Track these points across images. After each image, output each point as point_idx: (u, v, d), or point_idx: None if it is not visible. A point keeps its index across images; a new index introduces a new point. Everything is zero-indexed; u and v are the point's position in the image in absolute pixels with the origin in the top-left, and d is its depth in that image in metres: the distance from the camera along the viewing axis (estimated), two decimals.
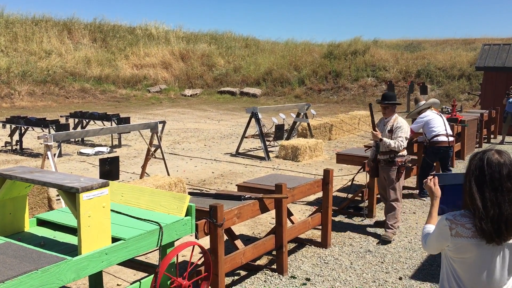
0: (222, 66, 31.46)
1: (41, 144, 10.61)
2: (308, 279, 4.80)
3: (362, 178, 7.78)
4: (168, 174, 8.33)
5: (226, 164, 10.62)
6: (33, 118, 12.36)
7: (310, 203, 7.49)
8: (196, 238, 3.92)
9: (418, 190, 8.15)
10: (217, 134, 15.28)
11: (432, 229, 2.46)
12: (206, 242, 4.14)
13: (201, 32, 37.05)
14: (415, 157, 8.28)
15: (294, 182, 5.40)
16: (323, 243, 5.66)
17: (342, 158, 7.71)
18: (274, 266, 5.00)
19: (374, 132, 5.96)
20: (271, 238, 4.81)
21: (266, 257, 5.30)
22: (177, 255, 3.38)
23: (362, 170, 6.93)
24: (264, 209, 4.68)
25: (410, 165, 7.79)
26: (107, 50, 30.28)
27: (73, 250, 2.98)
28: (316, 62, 29.70)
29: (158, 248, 3.28)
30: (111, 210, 3.17)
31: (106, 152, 11.61)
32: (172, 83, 29.55)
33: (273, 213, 4.94)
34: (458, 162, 10.48)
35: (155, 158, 8.89)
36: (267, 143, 12.35)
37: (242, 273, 4.92)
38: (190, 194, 4.82)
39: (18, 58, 24.93)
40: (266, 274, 4.87)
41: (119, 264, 3.27)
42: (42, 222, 3.56)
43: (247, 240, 5.73)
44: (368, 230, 6.34)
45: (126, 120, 13.28)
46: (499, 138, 14.50)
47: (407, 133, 5.96)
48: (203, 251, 3.66)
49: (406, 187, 8.28)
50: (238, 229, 6.03)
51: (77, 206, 2.84)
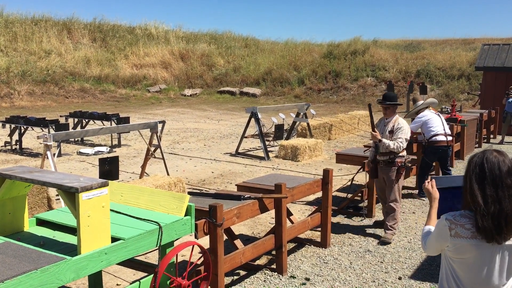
0: (221, 66, 31.46)
1: (40, 143, 10.61)
2: (307, 279, 4.80)
3: (362, 178, 7.78)
4: (167, 174, 8.33)
5: (226, 164, 10.62)
6: (32, 117, 12.36)
7: (309, 203, 7.49)
8: (195, 238, 3.92)
9: (417, 190, 8.16)
10: (216, 134, 15.28)
11: (431, 230, 2.47)
12: (205, 242, 4.14)
13: (200, 32, 37.10)
14: (415, 157, 8.28)
15: (294, 182, 5.40)
16: (323, 243, 5.67)
17: (342, 158, 7.71)
18: (274, 266, 5.00)
19: (373, 133, 5.91)
20: (271, 238, 4.81)
21: (266, 257, 5.30)
22: (176, 255, 3.38)
23: (361, 170, 6.94)
24: (263, 209, 4.69)
25: (410, 165, 7.79)
26: (107, 50, 30.27)
27: (72, 250, 2.98)
28: (315, 62, 29.70)
29: (157, 248, 3.28)
30: (111, 210, 3.17)
31: (105, 152, 11.61)
32: (171, 83, 29.55)
33: (272, 213, 4.94)
34: (457, 162, 10.48)
35: (155, 158, 8.89)
36: (267, 143, 12.35)
37: (242, 273, 4.92)
38: (189, 194, 4.82)
39: (18, 58, 24.93)
40: (265, 274, 4.87)
41: (119, 263, 3.27)
42: (41, 222, 3.56)
43: (247, 240, 5.73)
44: (367, 230, 6.34)
45: (126, 120, 13.28)
46: (499, 138, 14.50)
47: (407, 134, 5.90)
48: (203, 251, 3.66)
49: (405, 187, 8.28)
50: (237, 229, 6.03)
51: (76, 206, 2.84)
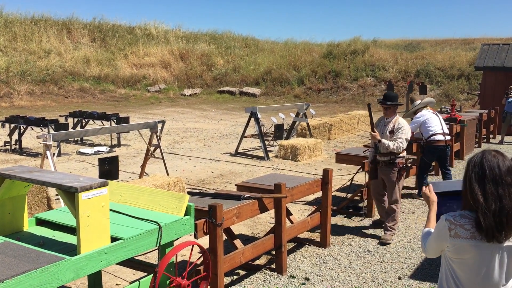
0: (221, 65, 31.46)
1: (40, 143, 10.62)
2: (307, 279, 4.80)
3: (361, 178, 7.78)
4: (167, 174, 8.33)
5: (226, 163, 10.61)
6: (32, 117, 12.36)
7: (309, 203, 7.49)
8: (195, 237, 3.92)
9: (417, 190, 8.15)
10: (216, 133, 15.28)
11: (431, 231, 2.47)
12: (205, 241, 4.14)
13: (200, 31, 37.10)
14: (414, 157, 8.28)
15: (293, 182, 5.40)
16: (322, 243, 5.66)
17: (341, 158, 7.71)
18: (273, 266, 5.00)
19: (372, 133, 5.85)
20: (270, 238, 4.81)
21: (265, 256, 5.30)
22: (176, 255, 3.37)
23: (361, 170, 6.93)
24: (263, 208, 4.68)
25: (410, 165, 7.79)
26: (107, 50, 30.26)
27: (72, 250, 2.98)
28: (315, 62, 29.70)
29: (157, 247, 3.28)
30: (110, 210, 3.17)
31: (105, 151, 11.60)
32: (171, 83, 29.54)
33: (272, 212, 4.94)
34: (457, 162, 10.48)
35: (155, 157, 8.89)
36: (267, 143, 12.35)
37: (241, 272, 4.92)
38: (189, 193, 4.82)
39: (17, 58, 24.91)
40: (265, 274, 4.87)
41: (118, 263, 3.27)
42: (41, 222, 3.56)
43: (246, 239, 5.73)
44: (367, 230, 6.34)
45: (125, 119, 13.28)
46: (498, 138, 14.51)
47: (408, 134, 5.85)
48: (202, 251, 3.66)
49: (405, 187, 8.28)
50: (237, 228, 6.03)
51: (76, 206, 2.84)
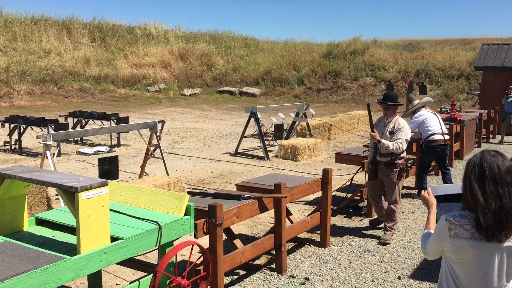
0: (221, 65, 31.45)
1: (40, 143, 10.61)
2: (307, 279, 4.80)
3: (361, 178, 7.79)
4: (167, 174, 8.33)
5: (225, 163, 10.62)
6: (32, 117, 12.35)
7: (309, 203, 7.49)
8: (195, 237, 3.92)
9: (417, 190, 8.15)
10: (216, 133, 15.28)
11: (430, 233, 2.47)
12: (205, 241, 4.14)
13: (200, 31, 37.09)
14: (414, 157, 8.28)
15: (293, 182, 5.40)
16: (322, 243, 5.66)
17: (341, 158, 7.71)
18: (273, 266, 5.00)
19: (372, 133, 5.82)
20: (270, 238, 4.81)
21: (265, 256, 5.30)
22: (176, 255, 3.38)
23: (361, 170, 6.93)
24: (263, 208, 4.69)
25: (410, 165, 7.79)
26: (106, 50, 30.25)
27: (72, 250, 2.98)
28: (315, 61, 29.70)
29: (157, 247, 3.28)
30: (110, 210, 3.17)
31: (105, 151, 11.60)
32: (171, 83, 29.54)
33: (272, 212, 4.94)
34: (457, 162, 10.49)
35: (154, 157, 8.89)
36: (266, 143, 12.35)
37: (241, 272, 4.92)
38: (189, 193, 4.82)
39: (17, 58, 24.91)
40: (265, 274, 4.87)
41: (118, 263, 3.27)
42: (41, 222, 3.56)
43: (246, 239, 5.73)
44: (367, 229, 6.34)
45: (125, 119, 13.28)
46: (498, 138, 14.51)
47: (408, 135, 5.81)
48: (202, 251, 3.66)
49: (405, 187, 8.28)
50: (237, 228, 6.03)
51: (76, 206, 2.84)
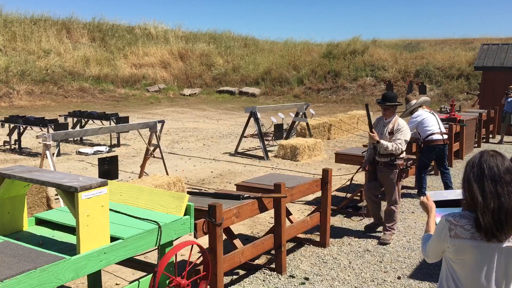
0: (221, 65, 31.45)
1: (39, 143, 10.61)
2: (306, 278, 4.80)
3: (361, 178, 7.79)
4: (167, 174, 8.33)
5: (225, 163, 10.61)
6: (31, 117, 12.35)
7: (309, 203, 7.49)
8: (194, 237, 3.92)
9: (416, 190, 8.16)
10: (216, 133, 15.28)
11: (431, 235, 2.47)
12: (205, 241, 4.14)
13: (200, 31, 37.08)
14: (414, 156, 8.28)
15: (293, 182, 5.40)
16: (322, 243, 5.66)
17: (341, 158, 7.71)
18: (273, 266, 5.00)
19: (371, 134, 5.77)
20: (270, 238, 4.81)
21: (265, 256, 5.30)
22: (176, 255, 3.38)
23: (360, 170, 6.93)
24: (263, 208, 4.69)
25: (410, 165, 7.78)
26: (106, 50, 30.23)
27: (71, 249, 2.98)
28: (315, 61, 29.70)
29: (157, 247, 3.28)
30: (110, 209, 3.17)
31: (105, 151, 11.60)
32: (171, 83, 29.54)
33: (272, 212, 4.94)
34: (456, 162, 10.49)
35: (154, 157, 8.89)
36: (266, 143, 12.35)
37: (241, 272, 4.92)
38: (189, 193, 4.82)
39: (17, 57, 24.89)
40: (264, 274, 4.88)
41: (118, 263, 3.27)
42: (40, 221, 3.56)
43: (246, 239, 5.73)
44: None
45: (125, 119, 13.27)
46: (498, 137, 14.52)
47: (407, 136, 5.76)
48: (202, 251, 3.66)
49: (404, 187, 8.29)
50: (237, 228, 6.03)
51: (75, 205, 2.84)
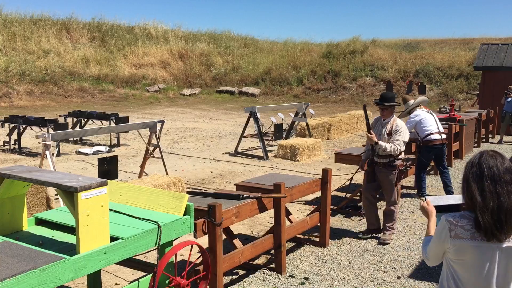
0: (220, 65, 31.45)
1: (39, 143, 10.61)
2: (306, 278, 4.80)
3: (361, 178, 7.78)
4: (166, 174, 8.33)
5: (225, 163, 10.62)
6: (31, 117, 12.35)
7: (308, 203, 7.49)
8: (194, 237, 3.92)
9: (416, 190, 8.16)
10: (215, 133, 15.28)
11: (431, 239, 2.46)
12: (204, 241, 4.14)
13: (199, 31, 37.09)
14: (413, 156, 8.29)
15: (293, 182, 5.40)
16: (322, 242, 5.67)
17: (341, 158, 7.71)
18: (273, 265, 5.00)
19: (369, 135, 5.70)
20: (270, 238, 4.82)
21: (265, 256, 5.30)
22: (175, 254, 3.38)
23: (360, 170, 6.93)
24: (262, 208, 4.69)
25: (409, 166, 7.78)
26: (106, 50, 30.22)
27: (71, 249, 2.98)
28: (314, 61, 29.70)
29: (156, 247, 3.28)
30: (110, 209, 3.17)
31: (104, 151, 11.60)
32: (170, 83, 29.54)
33: (271, 212, 4.94)
34: (456, 162, 10.49)
35: (154, 157, 8.89)
36: (266, 143, 12.35)
37: (241, 272, 4.92)
38: (188, 193, 4.82)
39: (17, 57, 24.89)
40: (264, 274, 4.88)
41: (118, 263, 3.27)
42: (40, 221, 3.56)
43: (246, 239, 5.73)
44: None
45: (125, 119, 13.27)
46: (497, 137, 14.53)
47: (406, 137, 5.70)
48: (202, 250, 3.66)
49: (404, 187, 8.29)
50: (236, 228, 6.03)
51: (75, 205, 2.84)
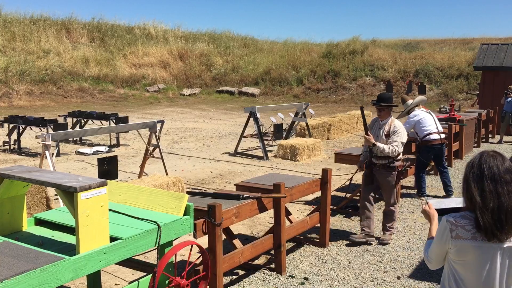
0: (220, 65, 31.45)
1: (39, 143, 10.61)
2: (306, 278, 4.80)
3: (360, 178, 7.77)
4: (166, 174, 8.33)
5: (225, 163, 10.61)
6: (31, 117, 12.34)
7: (308, 203, 7.49)
8: (194, 237, 3.92)
9: (416, 190, 8.16)
10: (215, 133, 15.27)
11: (432, 241, 2.46)
12: (204, 241, 4.14)
13: (199, 31, 37.08)
14: (413, 156, 8.29)
15: (293, 182, 5.40)
16: (321, 243, 5.67)
17: (341, 158, 7.71)
18: (273, 266, 5.00)
19: (366, 136, 5.65)
20: (270, 238, 4.81)
21: (265, 256, 5.30)
22: (175, 255, 3.38)
23: (360, 170, 6.93)
24: (262, 208, 4.69)
25: (409, 166, 7.78)
26: (106, 50, 30.22)
27: (71, 250, 2.98)
28: (314, 61, 29.70)
29: (156, 247, 3.28)
30: (109, 210, 3.17)
31: (104, 151, 11.60)
32: (170, 83, 29.53)
33: (271, 212, 4.94)
34: (456, 162, 10.49)
35: (154, 157, 8.89)
36: (266, 143, 12.35)
37: (241, 272, 4.92)
38: (188, 193, 4.82)
39: (16, 58, 24.88)
40: (264, 274, 4.88)
41: (118, 263, 3.27)
42: (40, 222, 3.56)
43: (246, 239, 5.73)
44: None
45: (125, 119, 13.27)
46: (497, 137, 14.53)
47: (404, 138, 5.66)
48: (202, 251, 3.65)
49: (404, 187, 8.29)
50: (236, 228, 6.03)
51: (75, 206, 2.84)
